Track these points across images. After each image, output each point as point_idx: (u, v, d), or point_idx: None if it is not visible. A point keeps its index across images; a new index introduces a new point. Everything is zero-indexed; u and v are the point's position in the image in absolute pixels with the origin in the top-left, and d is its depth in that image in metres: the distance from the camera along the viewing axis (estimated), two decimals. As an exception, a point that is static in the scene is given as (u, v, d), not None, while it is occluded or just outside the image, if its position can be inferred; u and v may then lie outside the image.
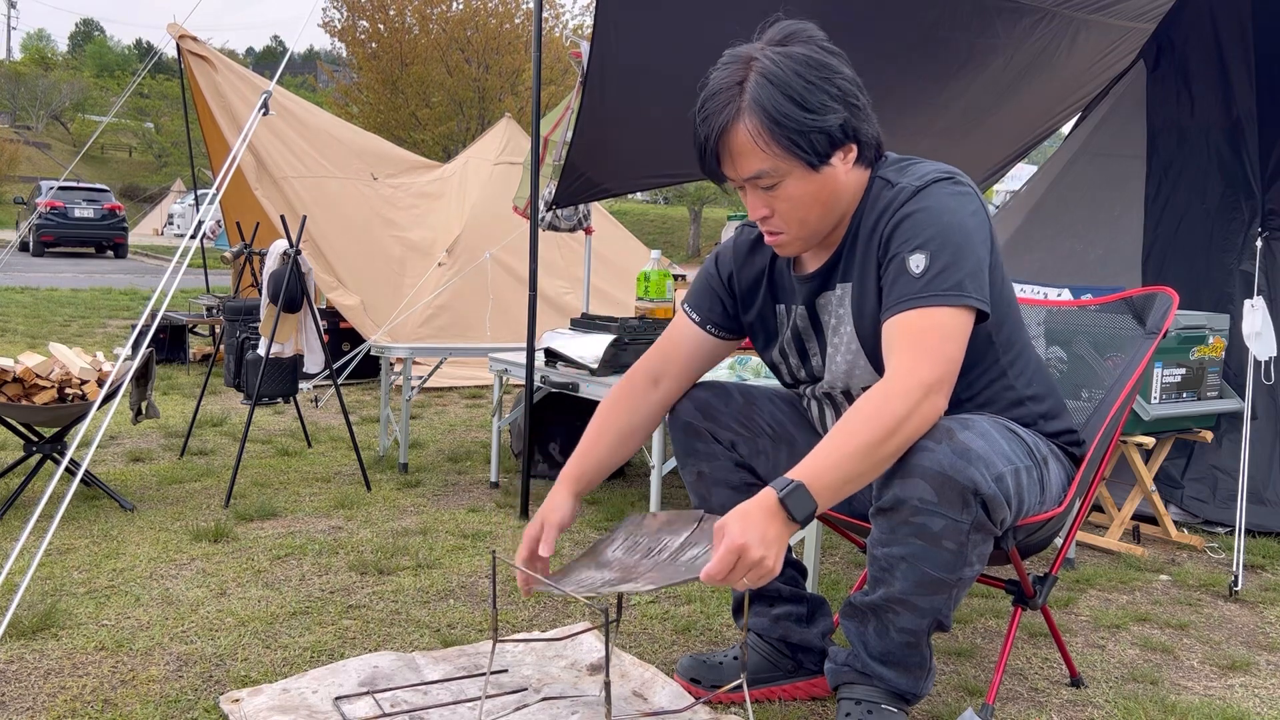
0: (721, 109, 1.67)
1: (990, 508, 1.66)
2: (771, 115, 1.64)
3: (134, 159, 38.82)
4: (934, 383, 1.59)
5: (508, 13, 19.07)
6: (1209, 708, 2.13)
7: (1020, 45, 4.10)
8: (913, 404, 1.57)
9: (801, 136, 1.65)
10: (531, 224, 3.60)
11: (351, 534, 3.20)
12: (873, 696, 1.82)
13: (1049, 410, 1.93)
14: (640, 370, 2.05)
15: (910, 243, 1.67)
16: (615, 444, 2.00)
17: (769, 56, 1.67)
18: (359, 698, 1.91)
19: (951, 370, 1.62)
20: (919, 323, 1.62)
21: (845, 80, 1.70)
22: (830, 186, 1.73)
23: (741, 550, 1.48)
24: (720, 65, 1.72)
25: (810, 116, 1.65)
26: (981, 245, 1.70)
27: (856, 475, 1.56)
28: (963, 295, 1.63)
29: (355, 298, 6.41)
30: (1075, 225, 4.40)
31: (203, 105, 6.79)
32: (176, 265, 2.70)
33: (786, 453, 2.05)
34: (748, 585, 1.51)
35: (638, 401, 2.02)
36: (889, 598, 1.74)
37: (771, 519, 1.51)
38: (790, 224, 1.76)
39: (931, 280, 1.64)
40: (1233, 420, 3.53)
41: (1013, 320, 1.87)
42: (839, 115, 1.68)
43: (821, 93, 1.66)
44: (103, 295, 12.38)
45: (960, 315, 1.63)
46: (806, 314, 1.91)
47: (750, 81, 1.66)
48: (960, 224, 1.68)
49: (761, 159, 1.68)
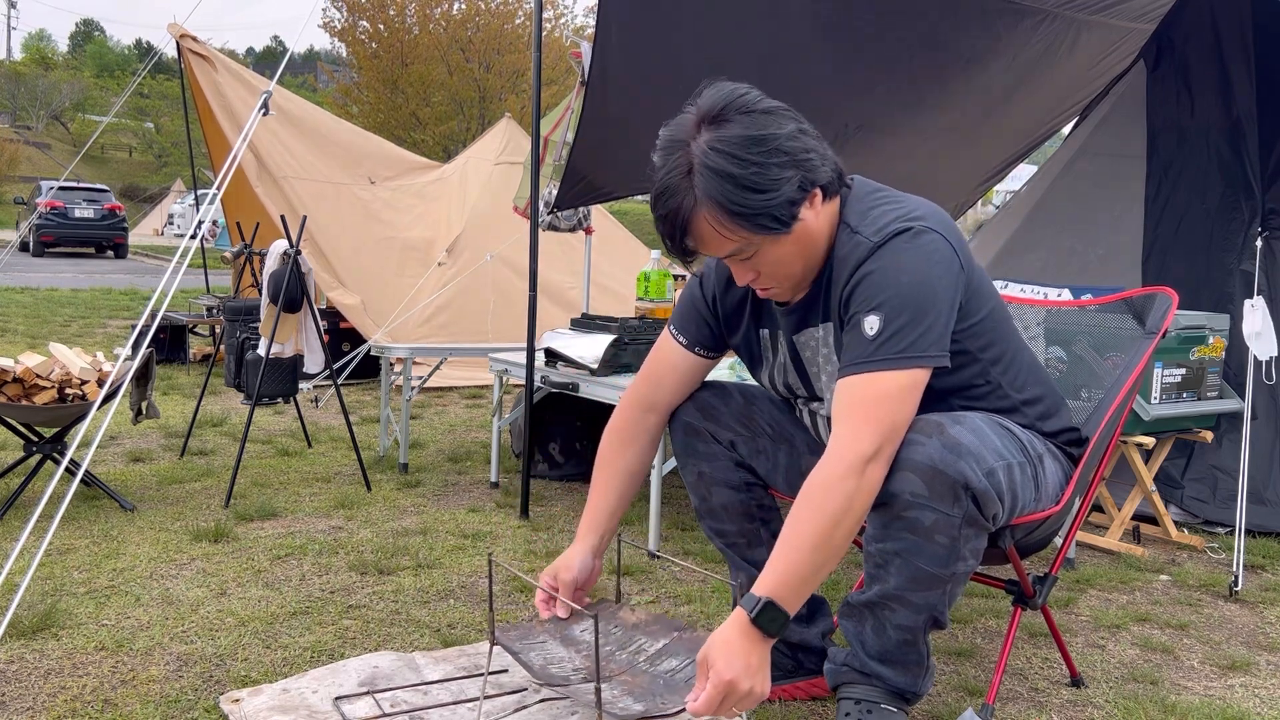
0: (678, 205, 1.65)
1: (981, 502, 1.67)
2: (727, 207, 1.62)
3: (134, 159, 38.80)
4: (873, 454, 1.61)
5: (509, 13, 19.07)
6: (1209, 708, 2.13)
7: (1022, 47, 4.10)
8: (854, 484, 1.59)
9: (764, 215, 1.64)
10: (531, 224, 3.60)
11: (351, 534, 3.20)
12: (872, 696, 1.82)
13: (1046, 410, 1.93)
14: (631, 401, 2.06)
15: (867, 304, 1.67)
16: (623, 490, 2.03)
17: (704, 146, 1.63)
18: (359, 698, 1.91)
19: (893, 434, 1.63)
20: (864, 390, 1.64)
21: (789, 140, 1.65)
22: (806, 238, 1.72)
23: (730, 686, 1.54)
24: (660, 150, 1.70)
25: (765, 196, 1.63)
26: (947, 292, 1.68)
27: (818, 567, 1.60)
28: (914, 357, 1.63)
29: (355, 297, 6.41)
30: (1075, 225, 4.40)
31: (203, 105, 6.79)
32: (176, 265, 2.70)
33: (786, 452, 2.05)
34: (738, 714, 1.58)
35: (635, 437, 2.04)
36: (884, 594, 1.74)
37: (753, 646, 1.57)
38: (778, 279, 1.77)
39: (884, 344, 1.63)
40: (1233, 420, 3.53)
41: (1000, 333, 1.86)
42: (793, 180, 1.65)
43: (769, 168, 1.63)
44: (103, 295, 12.38)
45: (910, 376, 1.64)
46: (788, 350, 1.92)
47: (696, 172, 1.63)
48: (919, 280, 1.66)
49: (730, 243, 1.68)
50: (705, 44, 3.47)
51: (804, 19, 3.60)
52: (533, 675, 1.73)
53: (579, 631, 1.89)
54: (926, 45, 3.93)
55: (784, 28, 3.58)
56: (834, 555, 1.61)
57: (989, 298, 1.83)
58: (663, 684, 1.68)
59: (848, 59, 3.89)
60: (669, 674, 1.71)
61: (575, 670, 1.75)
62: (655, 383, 2.05)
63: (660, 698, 1.64)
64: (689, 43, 3.46)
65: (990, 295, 1.83)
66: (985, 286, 1.82)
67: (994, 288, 1.86)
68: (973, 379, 1.82)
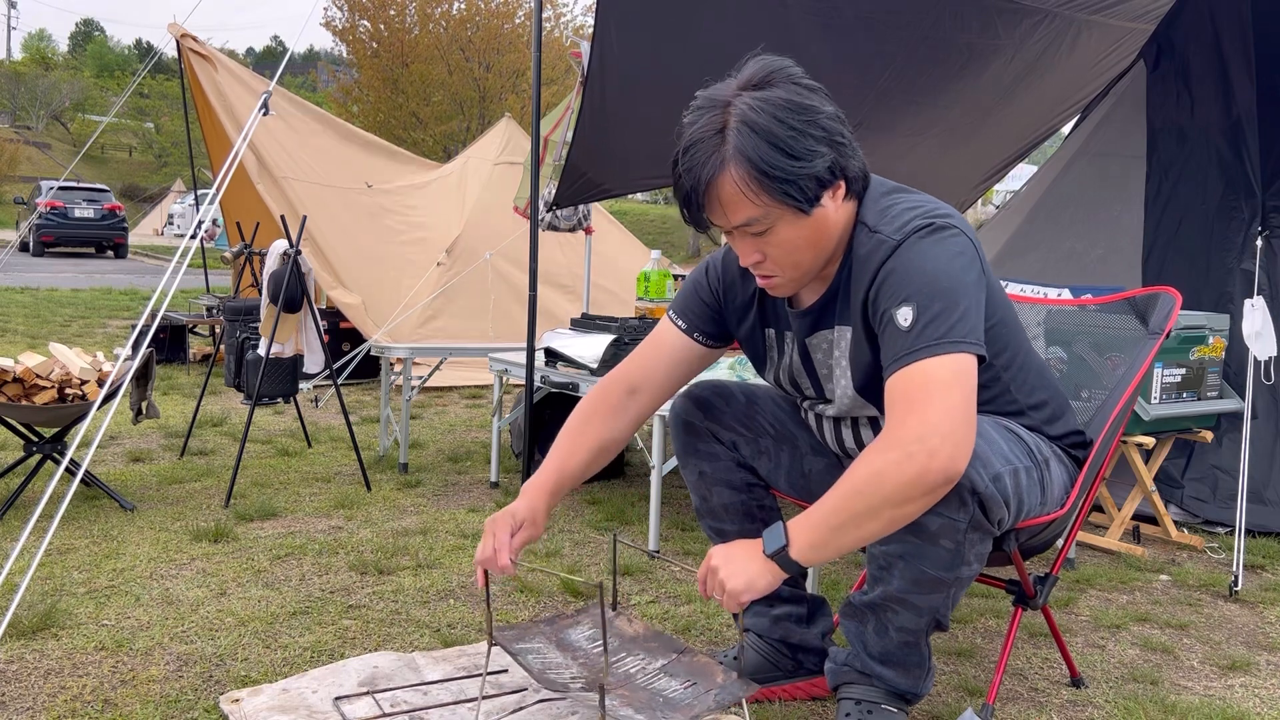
0: (706, 159, 1.60)
1: (987, 507, 1.66)
2: (758, 165, 1.58)
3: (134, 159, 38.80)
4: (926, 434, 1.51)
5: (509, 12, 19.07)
6: (1209, 708, 2.13)
7: (1021, 46, 4.10)
8: (899, 455, 1.51)
9: (791, 184, 1.60)
10: (531, 224, 3.60)
11: (351, 534, 3.20)
12: (872, 696, 1.82)
13: (1052, 414, 1.92)
14: (616, 379, 1.96)
15: (896, 298, 1.62)
16: (590, 459, 1.92)
17: (748, 103, 1.60)
18: (359, 698, 1.91)
19: (948, 418, 1.53)
20: (916, 377, 1.56)
21: (829, 119, 1.63)
22: (822, 227, 1.67)
23: (712, 570, 1.60)
24: (695, 110, 1.65)
25: (798, 164, 1.59)
26: (974, 286, 1.64)
27: (849, 535, 1.56)
28: (956, 342, 1.57)
29: (355, 297, 6.41)
30: (1075, 225, 4.40)
31: (203, 104, 6.79)
32: (176, 265, 2.70)
33: (789, 453, 2.05)
34: (724, 604, 1.60)
35: (614, 413, 1.94)
36: (887, 596, 1.74)
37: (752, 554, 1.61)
38: (784, 268, 1.71)
39: (922, 331, 1.58)
40: (1233, 420, 3.53)
41: (1011, 339, 1.84)
42: (826, 158, 1.61)
43: (807, 137, 1.60)
44: (103, 295, 12.38)
45: (957, 361, 1.56)
46: (799, 351, 1.88)
47: (731, 129, 1.59)
48: (944, 270, 1.62)
49: (751, 208, 1.62)
50: (703, 42, 3.47)
51: (803, 18, 3.61)
52: (532, 676, 1.72)
53: (576, 636, 1.89)
54: (927, 44, 3.94)
55: (783, 26, 3.59)
56: (870, 527, 1.54)
57: (1001, 303, 1.81)
58: (663, 700, 1.68)
59: (847, 57, 3.89)
60: (665, 695, 1.70)
61: (574, 678, 1.74)
62: (644, 366, 1.96)
63: (661, 713, 1.64)
64: (687, 41, 3.46)
65: (1002, 300, 1.82)
66: (998, 291, 1.80)
67: (1004, 293, 1.85)
68: (984, 384, 1.79)
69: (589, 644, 1.85)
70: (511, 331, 6.30)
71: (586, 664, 1.79)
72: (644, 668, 1.79)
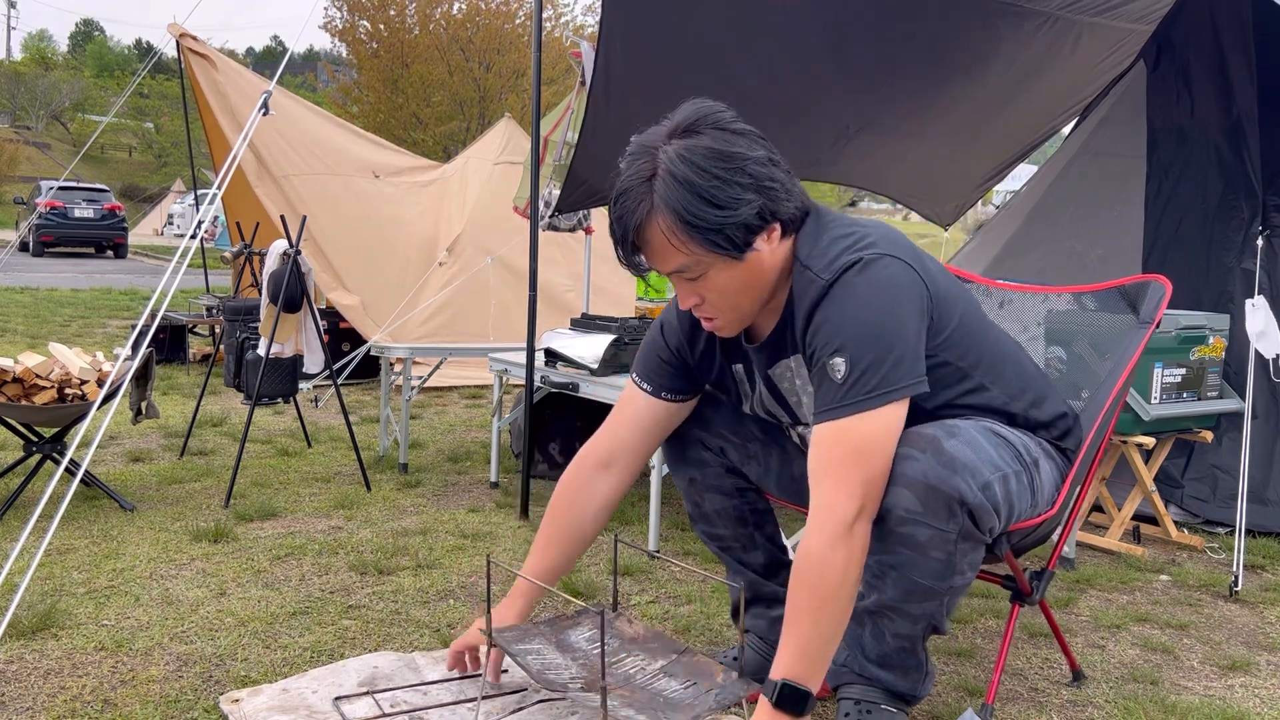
0: (634, 207, 1.61)
1: (977, 517, 1.65)
2: (682, 216, 1.58)
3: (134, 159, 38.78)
4: (857, 514, 1.58)
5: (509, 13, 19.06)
6: (1209, 708, 2.13)
7: (1023, 49, 4.10)
8: (844, 552, 1.57)
9: (717, 233, 1.60)
10: (531, 224, 3.60)
11: (351, 534, 3.20)
12: (871, 697, 1.83)
13: (1036, 398, 1.89)
14: (591, 455, 1.98)
15: (829, 345, 1.62)
16: (564, 551, 1.95)
17: (673, 152, 1.60)
18: (359, 698, 1.91)
19: (875, 488, 1.62)
20: (841, 440, 1.60)
21: (757, 164, 1.62)
22: (757, 270, 1.67)
23: None
24: (628, 155, 1.66)
25: (722, 213, 1.59)
26: (910, 317, 1.63)
27: (828, 638, 1.60)
28: (886, 393, 1.59)
29: (355, 298, 6.41)
30: (1075, 225, 4.40)
31: (203, 104, 6.79)
32: (176, 265, 2.70)
33: (778, 456, 2.03)
34: None
35: (588, 494, 1.96)
36: (881, 604, 1.74)
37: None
38: (721, 310, 1.71)
39: (853, 386, 1.59)
40: (1233, 420, 3.53)
41: (976, 338, 1.81)
42: (753, 205, 1.61)
43: (732, 185, 1.59)
44: (103, 295, 12.38)
45: (886, 414, 1.60)
46: (765, 385, 1.88)
47: (658, 178, 1.60)
48: (876, 311, 1.61)
49: (681, 256, 1.63)
50: (708, 49, 3.47)
51: (808, 21, 3.60)
52: (531, 677, 1.72)
53: (575, 637, 1.89)
54: (929, 47, 3.93)
55: (788, 30, 3.58)
56: (839, 621, 1.60)
57: (957, 302, 1.77)
58: (663, 700, 1.67)
59: (851, 60, 3.89)
60: (666, 696, 1.70)
61: (573, 679, 1.74)
62: (616, 436, 1.97)
63: (661, 713, 1.63)
64: (692, 48, 3.46)
65: (958, 299, 1.78)
66: (952, 292, 1.77)
67: (961, 288, 1.82)
68: (959, 387, 1.79)
69: (588, 645, 1.85)
70: (512, 333, 6.29)
71: (586, 665, 1.79)
72: (644, 668, 1.79)
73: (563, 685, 1.71)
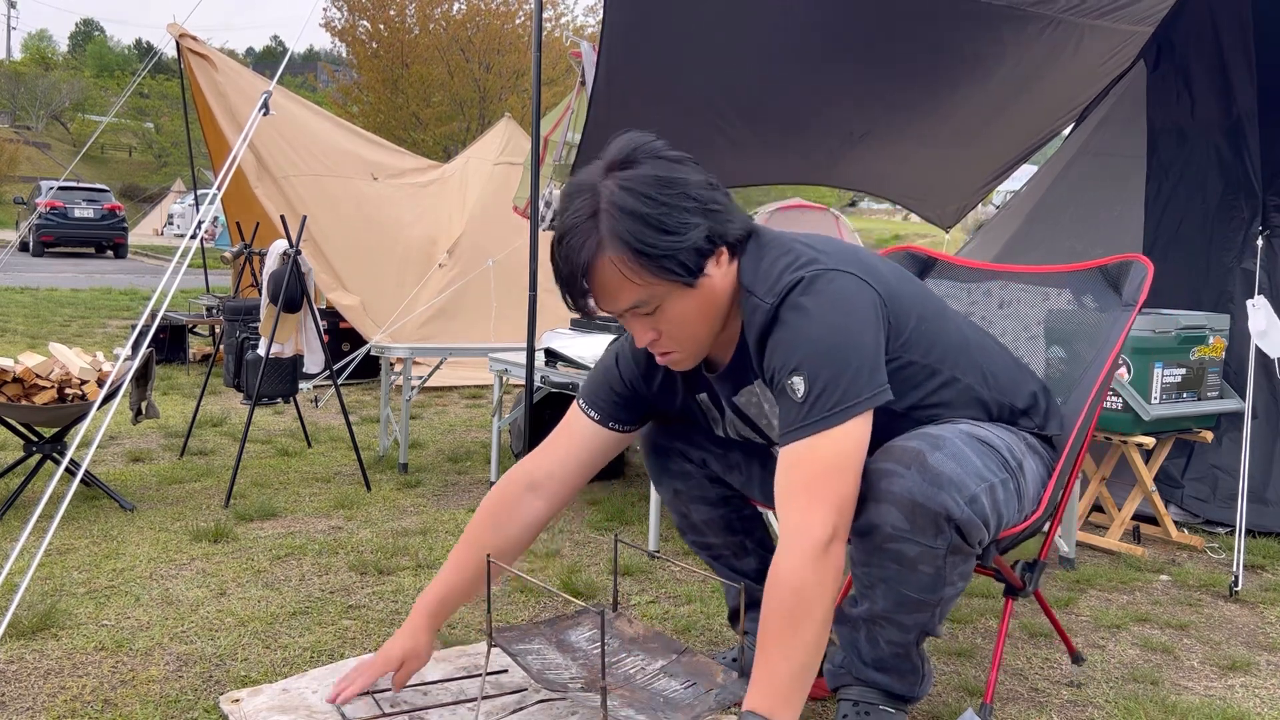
0: (580, 246, 1.58)
1: (965, 531, 1.63)
2: (634, 246, 1.56)
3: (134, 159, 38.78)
4: (829, 536, 1.53)
5: (509, 13, 19.06)
6: (1209, 708, 2.13)
7: (1026, 52, 4.10)
8: (814, 574, 1.51)
9: (670, 259, 1.58)
10: (531, 224, 3.60)
11: (351, 534, 3.20)
12: (869, 698, 1.83)
13: (1009, 382, 1.86)
14: (515, 477, 1.91)
15: (786, 366, 1.60)
16: (477, 576, 1.88)
17: (615, 184, 1.59)
18: (359, 698, 1.91)
19: (845, 507, 1.57)
20: (807, 461, 1.56)
21: (699, 188, 1.61)
22: (710, 296, 1.65)
23: None
24: (566, 196, 1.63)
25: (673, 238, 1.57)
26: (863, 326, 1.60)
27: (802, 665, 1.53)
28: (849, 408, 1.56)
29: (355, 298, 6.41)
30: (1075, 225, 4.40)
31: (203, 104, 6.79)
32: (176, 265, 2.70)
33: (760, 463, 2.02)
34: None
35: (510, 517, 1.89)
36: (873, 613, 1.74)
37: None
38: (680, 342, 1.69)
39: (814, 404, 1.56)
40: (1233, 420, 3.53)
41: (939, 331, 1.77)
42: (701, 228, 1.59)
43: (679, 210, 1.58)
44: (103, 295, 12.38)
45: (850, 430, 1.56)
46: (733, 412, 1.86)
47: (603, 213, 1.58)
48: (828, 328, 1.59)
49: (636, 290, 1.60)
50: (711, 53, 3.47)
51: (810, 26, 3.60)
52: (531, 677, 1.72)
53: (576, 637, 1.89)
54: (932, 51, 3.94)
55: (790, 35, 3.58)
56: (813, 649, 1.53)
57: (914, 300, 1.75)
58: (663, 700, 1.67)
59: (853, 65, 3.89)
60: (666, 697, 1.70)
61: (573, 679, 1.74)
62: (553, 458, 1.91)
63: (661, 713, 1.63)
64: (693, 50, 3.46)
65: (914, 297, 1.75)
66: (906, 291, 1.74)
67: (916, 284, 1.79)
68: (930, 384, 1.76)
69: (589, 645, 1.85)
70: (513, 334, 6.29)
71: (586, 665, 1.79)
72: (644, 668, 1.79)
73: (563, 685, 1.71)
